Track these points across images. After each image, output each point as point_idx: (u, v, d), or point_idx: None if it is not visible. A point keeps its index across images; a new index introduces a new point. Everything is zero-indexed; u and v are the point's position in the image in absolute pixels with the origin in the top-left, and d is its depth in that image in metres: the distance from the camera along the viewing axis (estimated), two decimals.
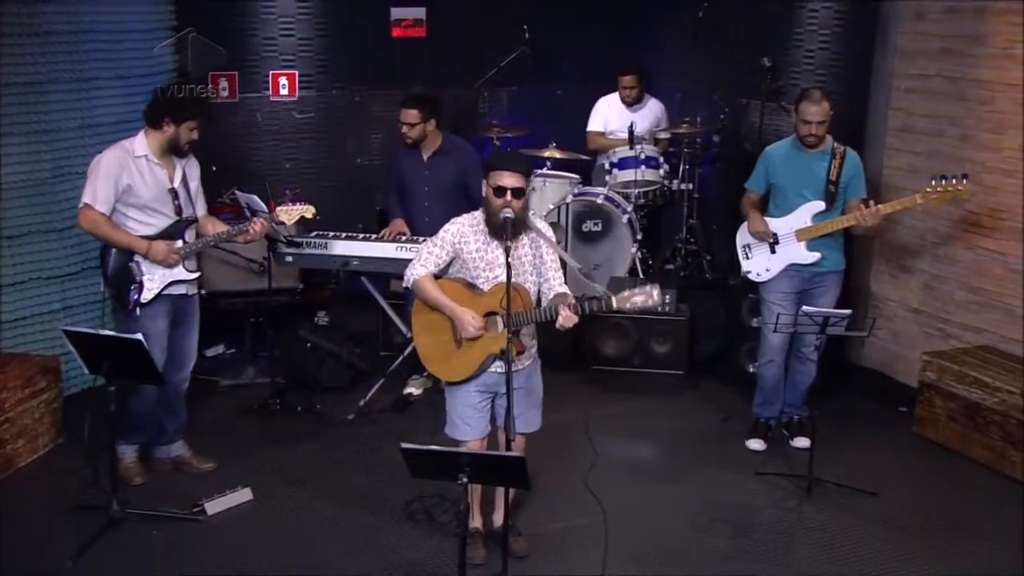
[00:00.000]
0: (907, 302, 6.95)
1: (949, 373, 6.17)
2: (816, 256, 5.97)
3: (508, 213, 4.56)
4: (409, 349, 6.49)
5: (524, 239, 4.74)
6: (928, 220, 6.74)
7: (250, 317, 7.31)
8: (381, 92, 8.51)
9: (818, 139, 5.89)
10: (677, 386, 7.06)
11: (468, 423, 4.83)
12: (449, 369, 4.83)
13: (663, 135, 8.26)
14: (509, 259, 4.48)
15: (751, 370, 6.84)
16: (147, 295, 5.40)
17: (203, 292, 7.03)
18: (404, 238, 6.50)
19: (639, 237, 7.72)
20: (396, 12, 8.61)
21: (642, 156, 7.76)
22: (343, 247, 6.43)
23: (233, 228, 5.53)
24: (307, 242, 6.43)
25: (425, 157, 6.59)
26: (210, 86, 7.98)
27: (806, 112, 5.85)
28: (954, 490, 5.79)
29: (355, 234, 6.54)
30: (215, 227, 5.60)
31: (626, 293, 4.55)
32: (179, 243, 5.44)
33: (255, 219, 5.57)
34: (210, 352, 7.38)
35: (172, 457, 5.87)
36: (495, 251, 4.70)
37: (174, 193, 5.42)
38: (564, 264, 5.03)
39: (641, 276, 7.69)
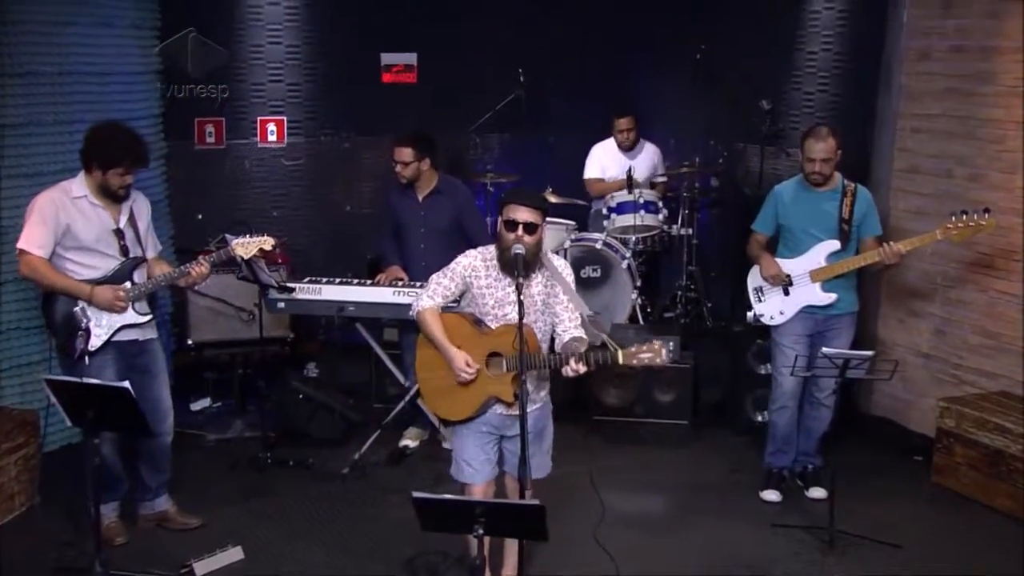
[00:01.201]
0: (917, 347, 6.77)
1: (968, 419, 5.97)
2: (832, 297, 5.80)
3: (519, 249, 4.40)
4: (405, 401, 6.34)
5: (537, 277, 4.57)
6: (938, 262, 6.59)
7: (238, 368, 7.09)
8: (371, 139, 8.44)
9: (824, 177, 5.76)
10: (682, 436, 6.88)
11: (472, 465, 4.64)
12: (449, 407, 4.65)
13: (660, 179, 8.15)
14: (520, 297, 4.32)
15: (759, 420, 6.71)
16: (95, 342, 5.10)
17: (190, 343, 6.96)
18: (401, 283, 6.29)
19: (638, 284, 7.54)
20: (386, 58, 8.55)
21: (641, 200, 7.61)
22: (338, 292, 6.19)
23: (175, 271, 5.25)
24: (300, 288, 6.21)
25: (420, 198, 6.43)
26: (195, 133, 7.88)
27: (811, 150, 5.72)
28: (979, 541, 5.56)
29: (350, 279, 6.35)
30: (163, 269, 5.33)
31: (633, 349, 4.40)
32: (127, 285, 5.17)
33: (197, 261, 5.25)
34: (196, 406, 7.17)
35: (156, 512, 5.58)
36: (506, 288, 4.53)
37: (119, 233, 5.17)
38: None
39: (641, 323, 7.52)
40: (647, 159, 8.15)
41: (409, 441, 6.59)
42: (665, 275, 8.30)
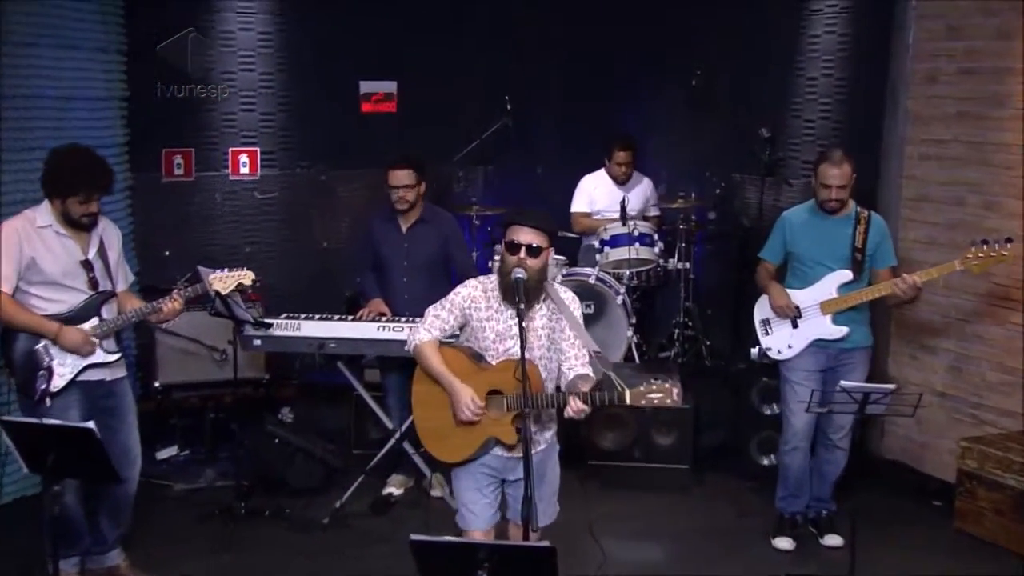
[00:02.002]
0: (931, 385, 6.56)
1: (992, 460, 5.77)
2: (843, 331, 5.63)
3: (520, 273, 4.21)
4: (390, 445, 6.13)
5: (542, 309, 4.38)
6: (951, 294, 6.42)
7: (209, 412, 6.85)
8: (349, 171, 8.31)
9: (840, 204, 5.62)
10: (683, 481, 6.65)
11: (472, 510, 4.42)
12: (446, 448, 4.44)
13: (654, 212, 8.01)
14: (523, 327, 4.13)
15: (766, 463, 6.61)
16: (58, 382, 4.83)
17: (157, 384, 6.70)
18: (384, 318, 6.08)
19: (633, 321, 7.33)
20: (365, 86, 8.40)
21: (635, 233, 7.42)
22: (318, 328, 5.94)
23: (146, 306, 5.01)
24: (278, 323, 5.97)
25: (404, 228, 6.27)
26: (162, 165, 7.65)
27: (826, 175, 5.57)
28: None
29: (330, 315, 6.11)
30: (134, 304, 5.10)
31: (642, 388, 4.21)
32: (94, 320, 4.92)
33: (170, 296, 5.02)
34: (162, 454, 6.91)
35: (106, 568, 5.25)
36: (508, 320, 4.32)
37: (88, 265, 4.92)
38: None
39: (637, 362, 7.34)
40: (641, 192, 7.98)
41: (394, 488, 6.38)
42: (661, 311, 8.13)
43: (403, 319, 5.96)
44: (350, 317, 6.12)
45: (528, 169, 8.66)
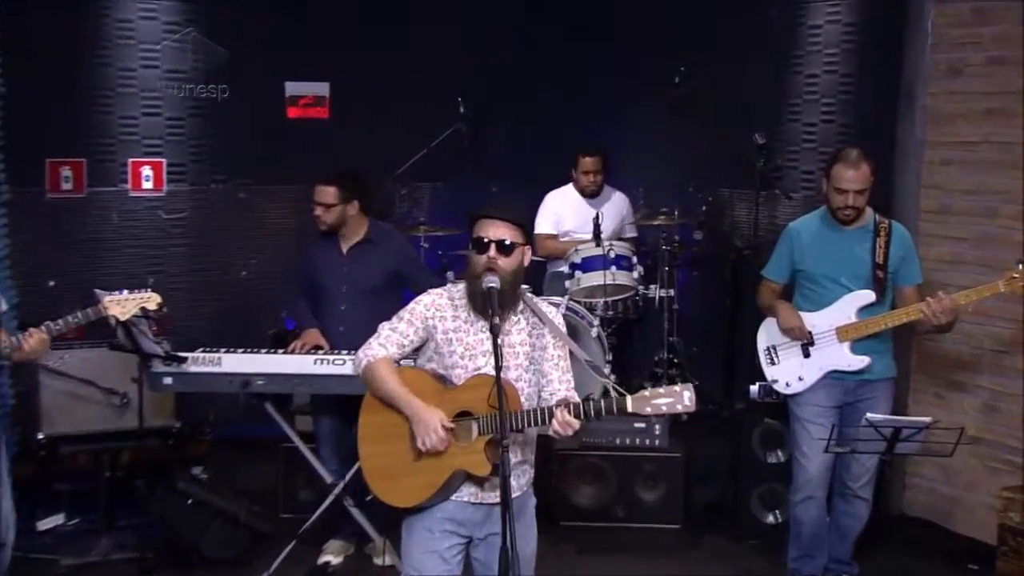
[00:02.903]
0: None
1: None
2: (864, 361, 5.54)
3: (492, 282, 4.07)
4: (327, 503, 6.01)
5: (521, 322, 4.24)
6: (984, 321, 6.36)
7: (105, 470, 6.59)
8: (272, 187, 8.30)
9: (857, 213, 5.54)
10: (674, 543, 6.61)
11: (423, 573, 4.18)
12: (398, 489, 4.21)
13: (631, 233, 7.94)
14: (497, 344, 3.96)
15: (770, 520, 6.54)
16: None
17: (40, 437, 6.59)
18: (322, 352, 5.98)
19: (610, 357, 7.16)
20: (292, 87, 8.36)
21: (612, 255, 7.24)
22: (242, 363, 5.83)
23: (6, 342, 4.91)
24: (194, 357, 5.80)
25: (345, 249, 6.21)
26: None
27: (841, 178, 5.48)
28: None
29: (256, 349, 6.00)
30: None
31: (646, 393, 4.05)
32: None
33: (31, 330, 4.93)
34: (44, 524, 6.68)
35: None
36: (478, 333, 4.18)
37: None
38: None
39: None
40: (614, 208, 7.84)
41: (331, 556, 6.24)
42: (641, 347, 8.04)
43: (345, 352, 5.85)
44: (281, 351, 6.02)
45: (482, 185, 8.54)
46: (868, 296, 5.52)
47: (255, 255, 8.30)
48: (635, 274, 7.42)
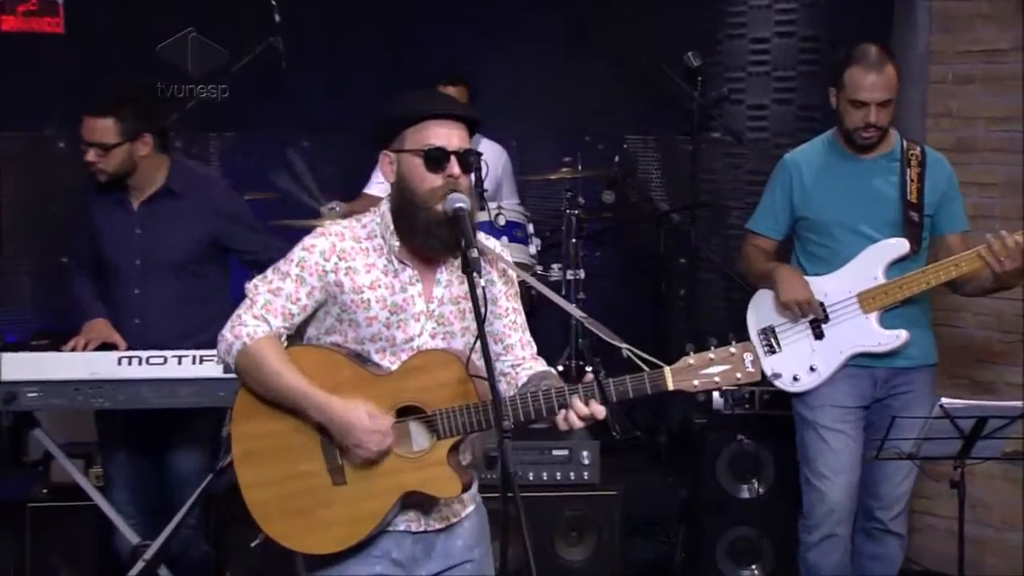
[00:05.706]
0: None
1: None
2: (900, 337, 5.54)
3: (461, 202, 3.87)
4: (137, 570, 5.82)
5: (452, 265, 4.13)
6: (1018, 296, 6.46)
7: None
8: None
9: (881, 134, 5.54)
10: None
11: None
12: (316, 528, 4.05)
13: (511, 197, 8.06)
14: (475, 291, 3.82)
15: None
16: None
17: None
18: (123, 349, 5.77)
19: None
20: None
21: (501, 222, 7.27)
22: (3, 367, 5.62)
23: None
24: None
25: (135, 204, 6.02)
26: None
27: (859, 86, 5.45)
28: None
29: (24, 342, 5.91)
30: None
31: (691, 361, 3.89)
32: None
33: None
34: None
35: None
36: (407, 287, 4.03)
37: None
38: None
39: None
40: (490, 160, 7.69)
41: None
42: (541, 346, 7.86)
43: (153, 353, 5.72)
44: (63, 349, 5.84)
45: (283, 139, 8.40)
46: (901, 246, 5.52)
47: None
48: (532, 249, 7.51)
